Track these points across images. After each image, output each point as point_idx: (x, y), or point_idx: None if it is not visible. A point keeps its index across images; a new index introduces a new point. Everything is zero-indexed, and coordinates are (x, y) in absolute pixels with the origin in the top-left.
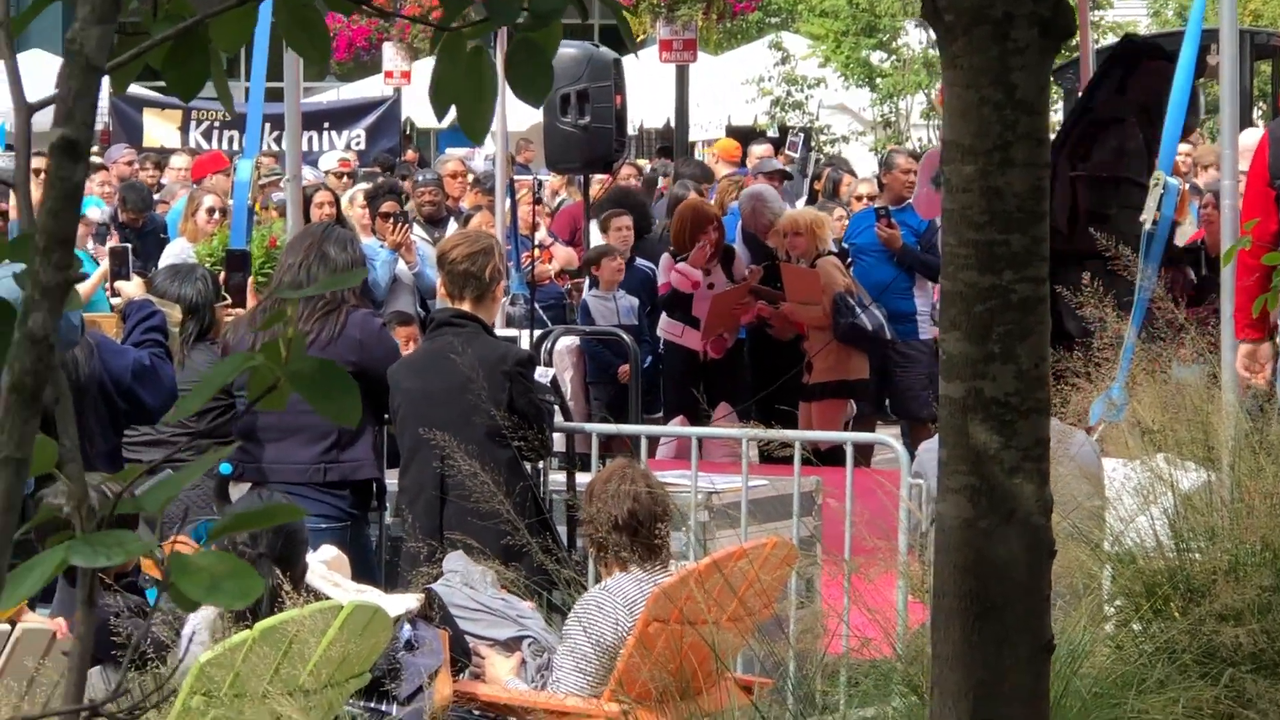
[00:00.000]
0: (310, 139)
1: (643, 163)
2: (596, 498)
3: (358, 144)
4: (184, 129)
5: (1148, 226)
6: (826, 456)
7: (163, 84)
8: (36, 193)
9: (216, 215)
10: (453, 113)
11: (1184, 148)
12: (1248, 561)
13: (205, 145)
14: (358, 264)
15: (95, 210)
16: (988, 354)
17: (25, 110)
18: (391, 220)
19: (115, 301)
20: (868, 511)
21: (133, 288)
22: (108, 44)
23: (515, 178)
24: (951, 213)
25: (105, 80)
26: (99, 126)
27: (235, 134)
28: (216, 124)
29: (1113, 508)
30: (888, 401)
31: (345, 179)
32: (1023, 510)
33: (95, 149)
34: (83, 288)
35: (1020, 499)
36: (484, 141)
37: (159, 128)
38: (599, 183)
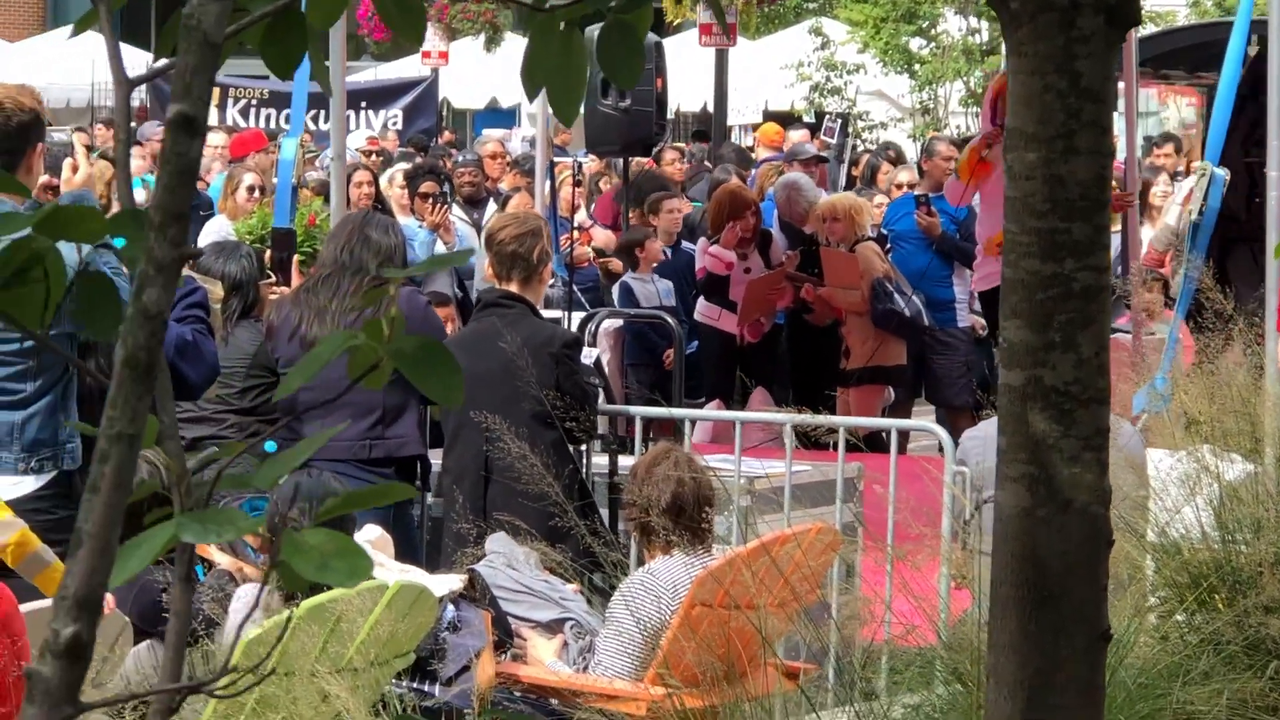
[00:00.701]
0: (347, 118)
1: (681, 146)
2: (642, 481)
3: (395, 124)
4: (221, 106)
5: (1193, 217)
6: (863, 442)
7: None
8: (69, 176)
9: (256, 194)
10: (489, 95)
11: None
12: None
13: (242, 122)
14: (399, 248)
15: (144, 191)
16: (1048, 342)
17: (125, 85)
18: (430, 200)
19: None
20: (910, 498)
21: None
22: (225, 20)
23: (555, 159)
24: (1014, 200)
25: (144, 56)
26: (134, 103)
27: (272, 112)
28: (254, 101)
29: (1158, 498)
30: (924, 388)
31: (374, 157)
32: (1081, 500)
33: (132, 124)
34: None
35: (1079, 488)
36: (572, 124)
37: None
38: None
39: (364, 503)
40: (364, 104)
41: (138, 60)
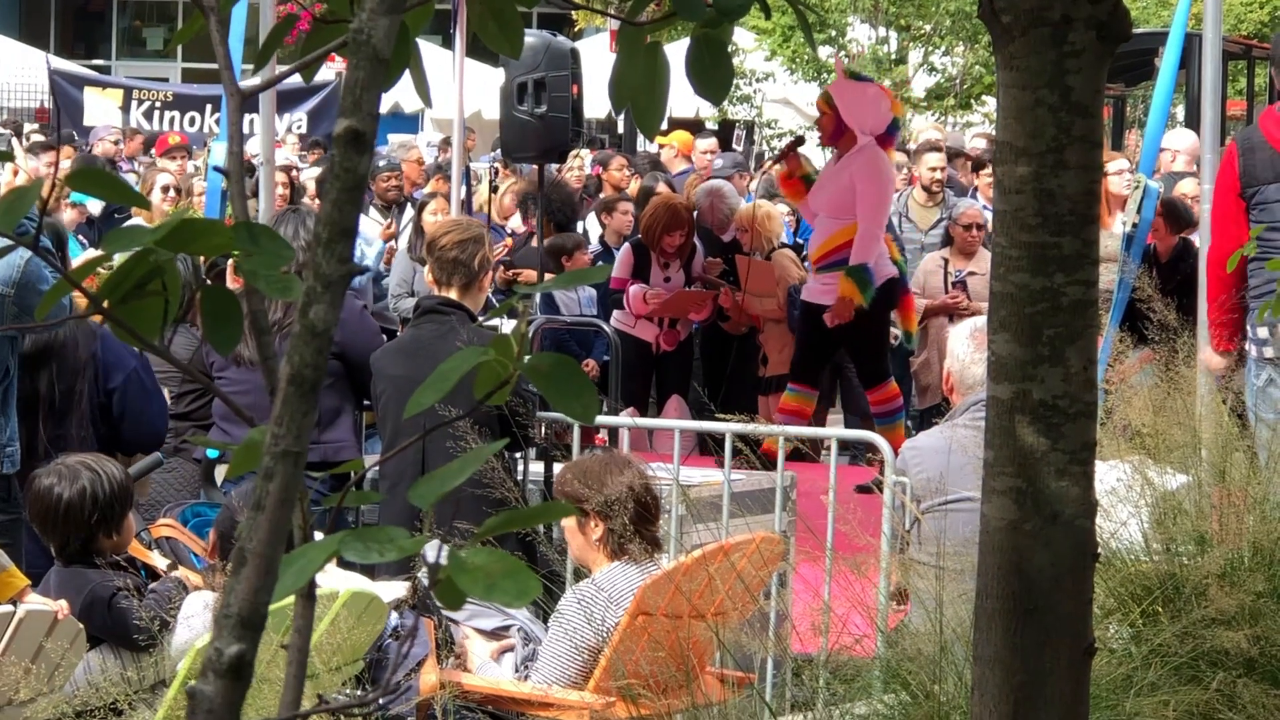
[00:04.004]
0: (252, 121)
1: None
2: (599, 485)
3: (299, 127)
4: (125, 108)
5: (1127, 229)
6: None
7: (103, 62)
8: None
9: (172, 193)
10: (391, 100)
11: None
12: (1240, 567)
13: (146, 125)
14: None
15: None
16: (1037, 356)
17: (238, 96)
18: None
19: None
20: (857, 509)
21: None
22: (395, 35)
23: (470, 164)
24: (1004, 214)
25: (45, 56)
26: (35, 105)
27: (176, 114)
28: (157, 104)
29: (1100, 509)
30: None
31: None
32: (1068, 513)
33: (34, 127)
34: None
35: (1066, 501)
36: (654, 136)
37: (100, 106)
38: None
39: (526, 522)
40: None
41: (39, 61)
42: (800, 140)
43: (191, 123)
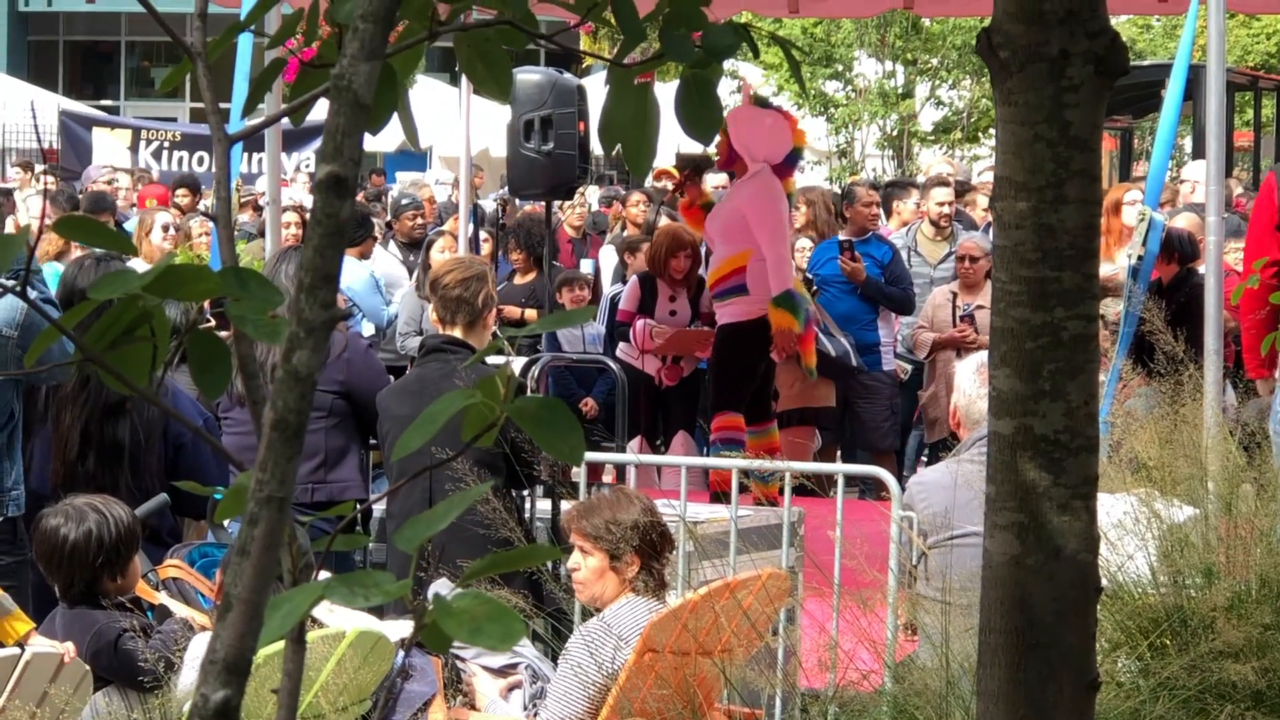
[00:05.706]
0: (260, 161)
1: (594, 191)
2: (616, 521)
3: (307, 166)
4: (134, 148)
5: (1133, 261)
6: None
7: (111, 102)
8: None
9: (172, 231)
10: (400, 137)
11: None
12: (1247, 599)
13: (155, 165)
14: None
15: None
16: (1038, 391)
17: (225, 142)
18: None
19: None
20: (864, 543)
21: None
22: (376, 80)
23: (478, 202)
24: (1004, 249)
25: (53, 98)
26: (44, 145)
27: (184, 154)
28: (166, 144)
29: (1107, 543)
30: (848, 431)
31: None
32: (1070, 548)
33: (43, 168)
34: None
35: (1068, 536)
36: (646, 175)
37: (108, 146)
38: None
39: (512, 564)
40: None
41: (48, 102)
42: (699, 168)
43: (200, 162)
